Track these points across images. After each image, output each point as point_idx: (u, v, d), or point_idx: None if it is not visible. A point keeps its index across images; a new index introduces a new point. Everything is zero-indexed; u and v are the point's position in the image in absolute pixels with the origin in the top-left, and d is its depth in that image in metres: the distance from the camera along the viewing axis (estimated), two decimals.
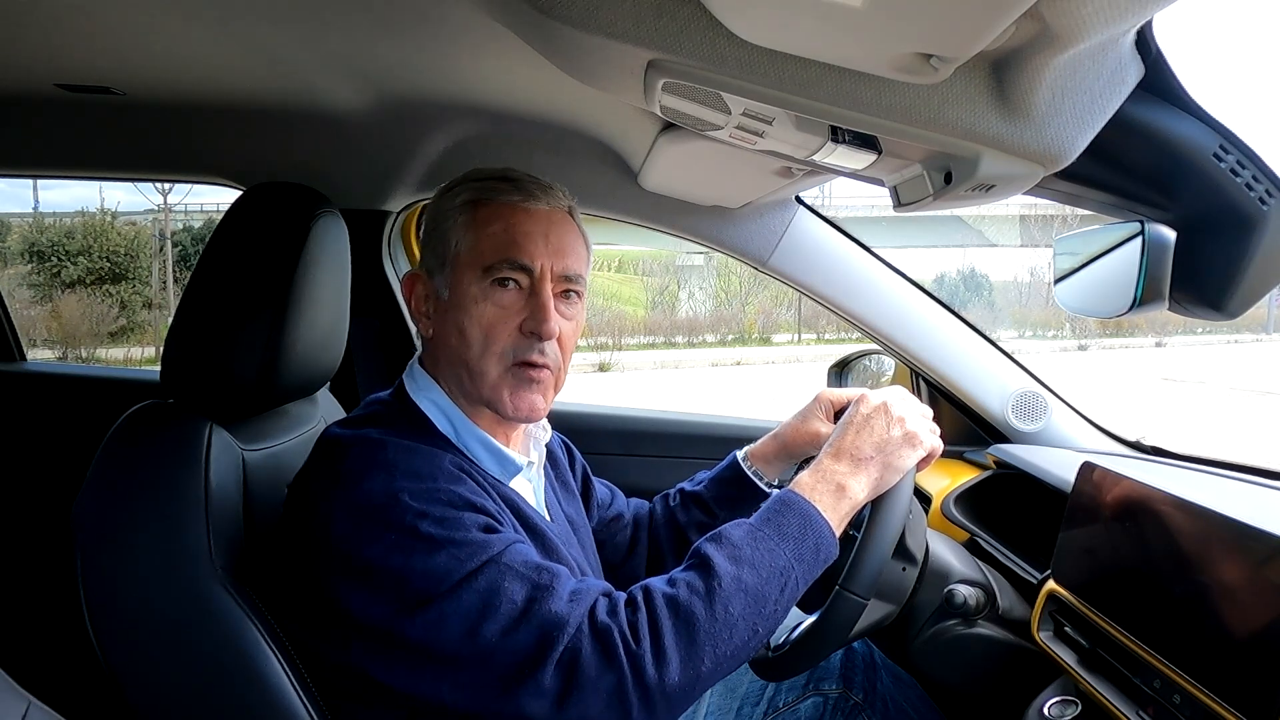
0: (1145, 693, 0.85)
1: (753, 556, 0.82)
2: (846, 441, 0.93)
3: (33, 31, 1.11)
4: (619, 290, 16.85)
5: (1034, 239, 16.76)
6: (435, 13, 0.99)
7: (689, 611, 0.77)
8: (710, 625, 0.77)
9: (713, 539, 0.84)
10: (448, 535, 0.79)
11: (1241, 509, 0.80)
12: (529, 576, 0.78)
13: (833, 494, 0.89)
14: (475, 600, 0.77)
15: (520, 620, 0.76)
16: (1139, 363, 12.69)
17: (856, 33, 0.55)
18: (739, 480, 1.18)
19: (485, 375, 0.91)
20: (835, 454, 0.92)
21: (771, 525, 0.85)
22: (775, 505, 0.88)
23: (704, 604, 0.78)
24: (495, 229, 0.91)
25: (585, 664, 0.75)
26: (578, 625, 0.76)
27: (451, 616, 0.76)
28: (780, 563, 0.82)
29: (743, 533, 0.84)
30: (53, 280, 12.22)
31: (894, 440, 0.92)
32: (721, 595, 0.78)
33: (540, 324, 0.89)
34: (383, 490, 0.81)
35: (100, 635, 0.84)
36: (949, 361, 1.51)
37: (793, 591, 0.83)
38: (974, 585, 1.06)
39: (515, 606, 0.77)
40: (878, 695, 1.13)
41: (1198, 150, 0.72)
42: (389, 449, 0.85)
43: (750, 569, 0.81)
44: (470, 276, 0.90)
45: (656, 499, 1.26)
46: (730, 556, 0.81)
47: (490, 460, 0.93)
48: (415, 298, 0.96)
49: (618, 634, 0.76)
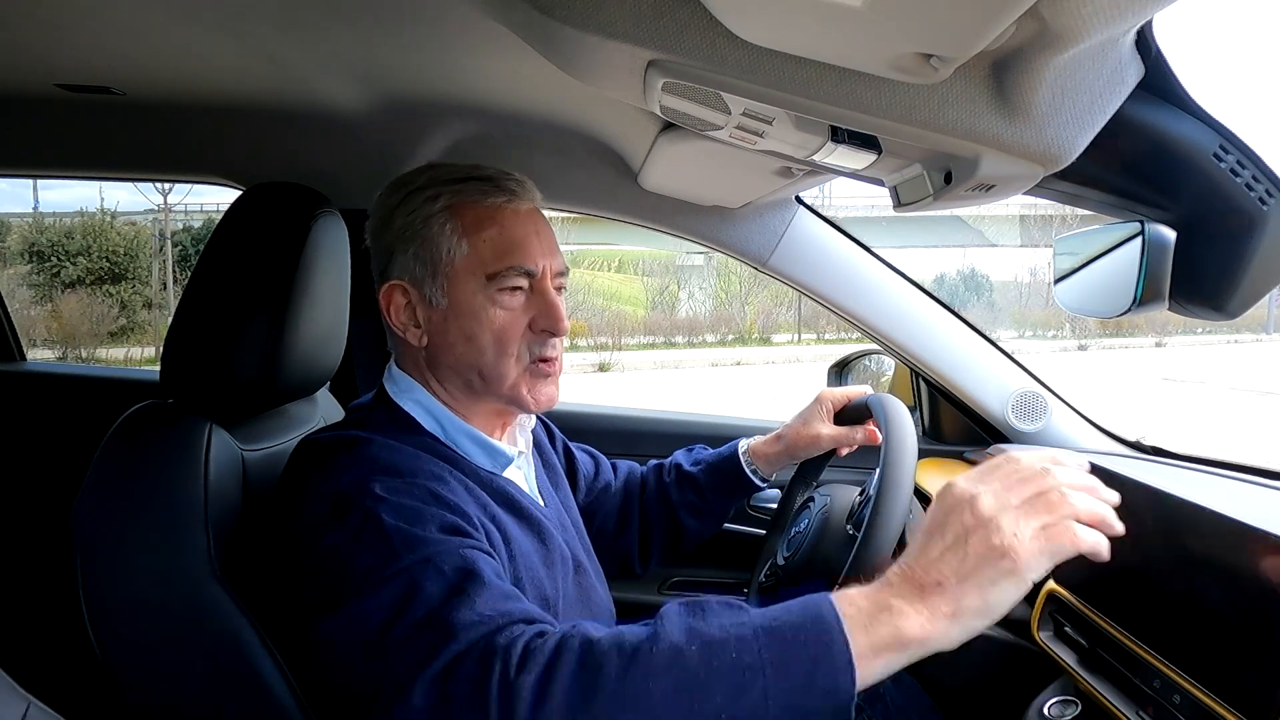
0: (1145, 693, 0.85)
1: (715, 638, 0.65)
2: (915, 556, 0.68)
3: (33, 31, 1.11)
4: (619, 290, 16.85)
5: (1034, 239, 16.77)
6: (435, 13, 0.99)
7: (597, 665, 0.64)
8: (617, 689, 0.63)
9: (687, 604, 0.70)
10: (398, 526, 0.75)
11: (1241, 509, 0.80)
12: (455, 581, 0.71)
13: (874, 622, 0.65)
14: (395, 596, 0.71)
15: (424, 623, 0.69)
16: (1139, 363, 12.69)
17: (856, 33, 0.55)
18: (735, 474, 1.19)
19: (504, 377, 0.92)
20: (902, 571, 0.68)
21: (769, 618, 0.67)
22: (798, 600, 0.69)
23: (620, 665, 0.64)
24: (490, 234, 0.91)
25: (457, 685, 0.65)
26: (470, 642, 0.67)
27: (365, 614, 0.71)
28: (746, 659, 0.63)
29: (726, 613, 0.68)
30: (52, 280, 12.22)
31: (972, 558, 0.65)
32: (645, 664, 0.64)
33: (555, 323, 0.92)
34: (355, 481, 0.80)
35: (100, 635, 0.84)
36: (949, 361, 1.51)
37: (755, 702, 0.62)
38: None
39: (427, 605, 0.70)
40: (878, 695, 1.13)
41: (1198, 150, 0.72)
42: (373, 446, 0.85)
43: (702, 651, 0.64)
44: (472, 284, 0.91)
45: (651, 466, 1.27)
46: (688, 628, 0.66)
47: (481, 454, 0.93)
48: (395, 307, 0.94)
49: (501, 658, 0.65)
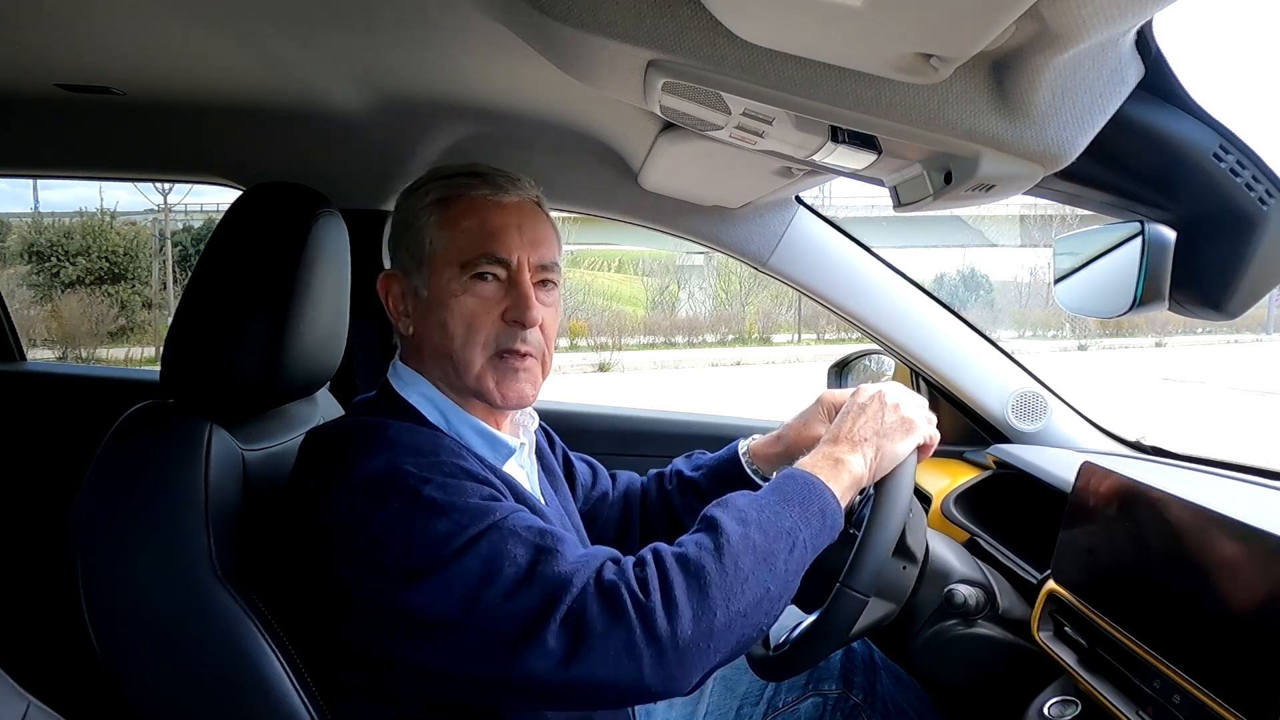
0: (1145, 693, 0.85)
1: (759, 518, 0.83)
2: (844, 428, 0.95)
3: (33, 31, 1.11)
4: (619, 290, 16.84)
5: (1034, 239, 16.76)
6: (435, 13, 0.99)
7: (699, 565, 0.77)
8: (721, 579, 0.77)
9: (718, 504, 0.85)
10: (450, 500, 0.79)
11: (1241, 509, 0.80)
12: (532, 540, 0.78)
13: (832, 467, 0.90)
14: (478, 565, 0.76)
15: (523, 583, 0.75)
16: (1139, 363, 12.69)
17: (856, 33, 0.55)
18: (737, 475, 1.19)
19: (470, 365, 0.92)
20: (833, 439, 0.94)
21: (775, 493, 0.86)
22: (778, 479, 0.89)
23: (714, 559, 0.78)
24: (469, 224, 0.92)
25: (591, 621, 0.74)
26: (583, 584, 0.75)
27: (454, 582, 0.76)
28: (786, 524, 0.83)
29: (748, 499, 0.86)
30: (52, 280, 12.21)
31: (889, 424, 0.94)
32: (730, 550, 0.78)
33: (523, 312, 0.91)
34: (385, 464, 0.81)
35: (100, 635, 0.84)
36: (949, 361, 1.51)
37: (801, 554, 0.83)
38: (974, 585, 1.06)
39: (519, 569, 0.76)
40: (877, 695, 1.13)
41: (1198, 150, 0.72)
42: (390, 429, 0.86)
43: (757, 528, 0.81)
44: (449, 273, 0.92)
45: (651, 475, 1.27)
46: (737, 518, 0.82)
47: (483, 445, 0.94)
48: (392, 298, 0.97)
49: (625, 590, 0.75)
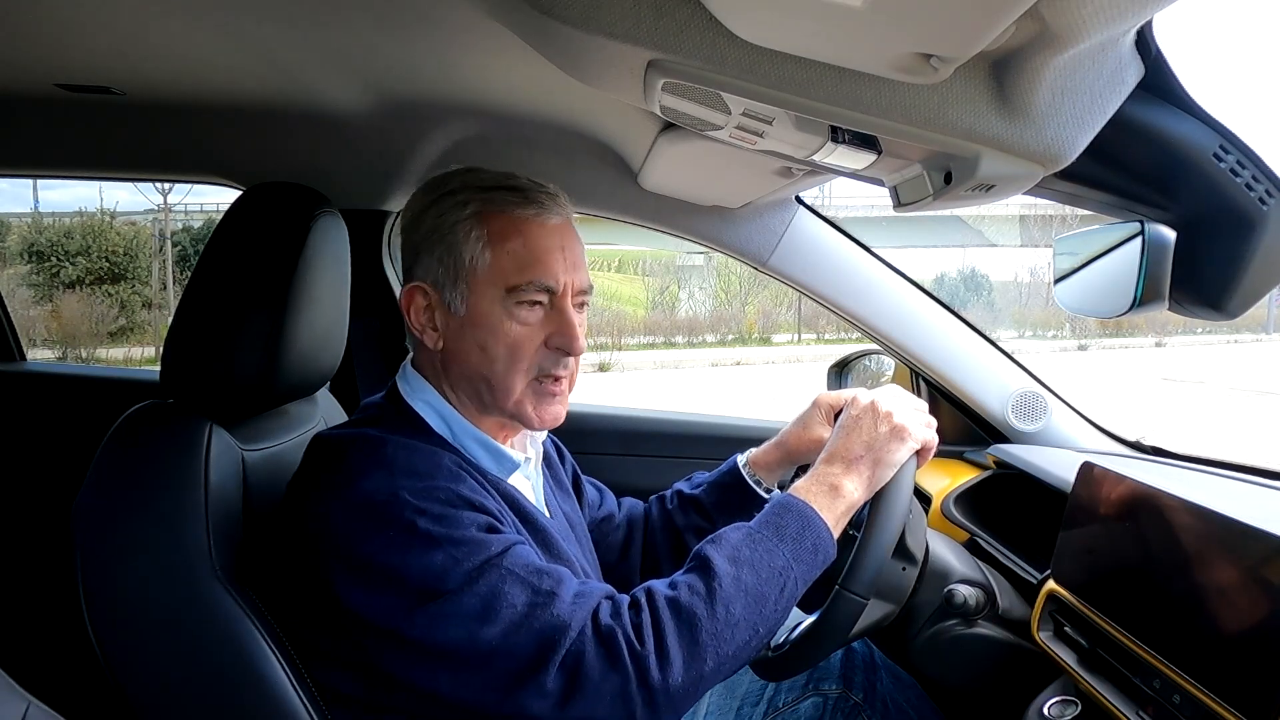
0: (1145, 693, 0.85)
1: (752, 557, 0.83)
2: (838, 445, 0.95)
3: (33, 31, 1.11)
4: (619, 290, 16.84)
5: (1034, 239, 16.74)
6: (435, 13, 0.99)
7: (691, 612, 0.79)
8: (712, 626, 0.78)
9: (712, 541, 0.86)
10: (445, 533, 0.79)
11: (1241, 509, 0.80)
12: (530, 581, 0.79)
13: (828, 495, 0.91)
14: (475, 603, 0.77)
15: (521, 625, 0.77)
16: (1139, 363, 12.68)
17: (856, 33, 0.55)
18: (738, 487, 1.17)
19: (510, 391, 0.92)
20: (829, 458, 0.95)
21: (770, 527, 0.87)
22: (773, 509, 0.90)
23: (705, 605, 0.79)
24: (514, 245, 0.90)
25: (589, 666, 0.76)
26: (580, 628, 0.77)
27: (451, 618, 0.77)
28: (779, 563, 0.84)
29: (741, 535, 0.86)
30: (52, 280, 12.21)
31: (882, 436, 0.94)
32: (722, 596, 0.80)
33: (571, 342, 0.92)
34: (382, 488, 0.81)
35: (100, 635, 0.84)
36: (949, 361, 1.51)
37: (792, 591, 0.85)
38: (974, 585, 1.06)
39: (516, 611, 0.77)
40: (877, 695, 1.13)
41: (1198, 150, 0.72)
42: (389, 446, 0.85)
43: (750, 569, 0.82)
44: (491, 294, 0.90)
45: (652, 500, 1.26)
46: (730, 558, 0.83)
47: (488, 459, 0.93)
48: (415, 309, 0.94)
49: (622, 636, 0.77)
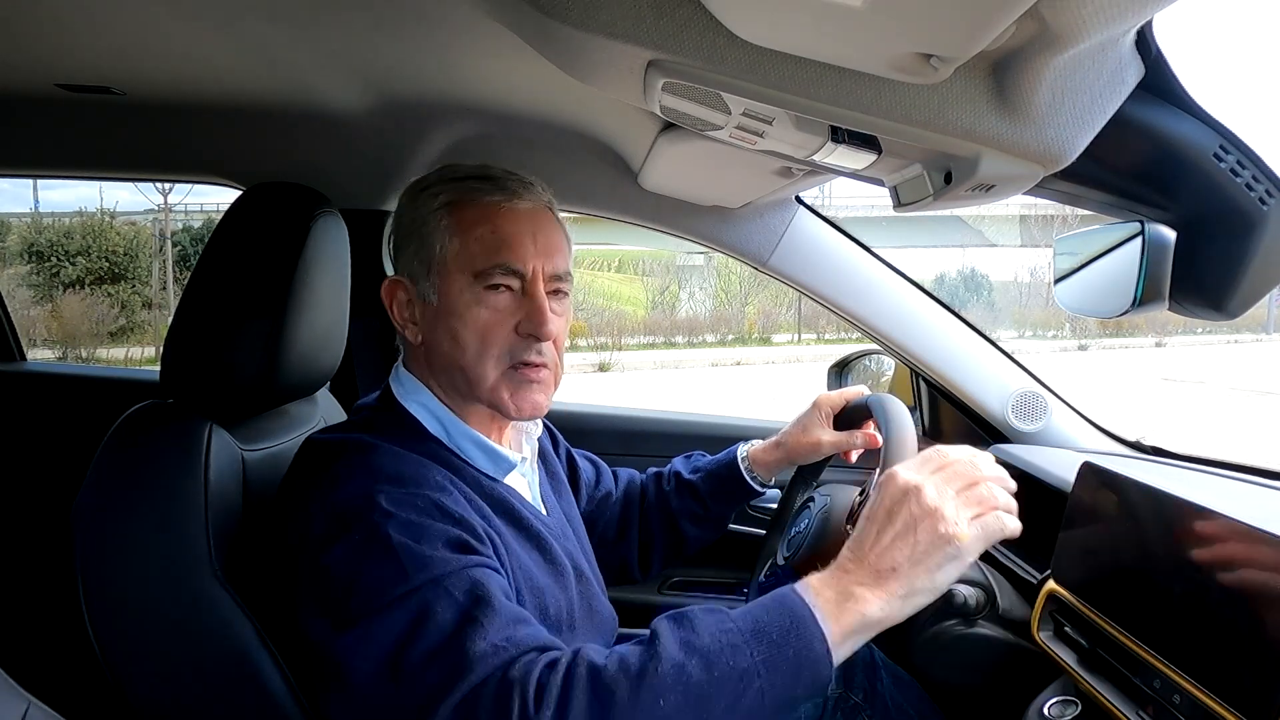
0: (1145, 693, 0.85)
1: (710, 647, 0.71)
2: (868, 542, 0.76)
3: (33, 31, 1.11)
4: (619, 290, 16.84)
5: (1034, 239, 16.76)
6: (435, 13, 0.99)
7: (609, 691, 0.68)
8: (630, 711, 0.68)
9: (674, 618, 0.75)
10: (405, 543, 0.75)
11: (1241, 509, 0.80)
12: (466, 607, 0.73)
13: (841, 608, 0.73)
14: (405, 622, 0.72)
15: (439, 652, 0.71)
16: (1139, 363, 12.68)
17: (856, 33, 0.55)
18: (735, 479, 1.18)
19: (484, 379, 0.90)
20: (857, 557, 0.76)
21: (750, 620, 0.73)
22: (769, 600, 0.76)
23: (630, 687, 0.68)
24: (482, 231, 0.90)
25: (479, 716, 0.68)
26: (486, 674, 0.70)
27: (379, 636, 0.72)
28: (741, 665, 0.70)
29: (712, 620, 0.74)
30: (52, 280, 12.21)
31: (922, 547, 0.74)
32: (653, 683, 0.69)
33: (538, 326, 0.90)
34: (359, 492, 0.80)
35: (100, 635, 0.84)
36: (949, 361, 1.51)
37: (753, 703, 0.69)
38: (974, 585, 1.06)
39: (442, 635, 0.72)
40: (878, 695, 1.13)
41: (1198, 150, 0.72)
42: (378, 453, 0.85)
43: (701, 663, 0.70)
44: (460, 281, 0.90)
45: (650, 475, 1.26)
46: (683, 642, 0.71)
47: (483, 458, 0.93)
48: (397, 304, 0.95)
49: (518, 693, 0.68)
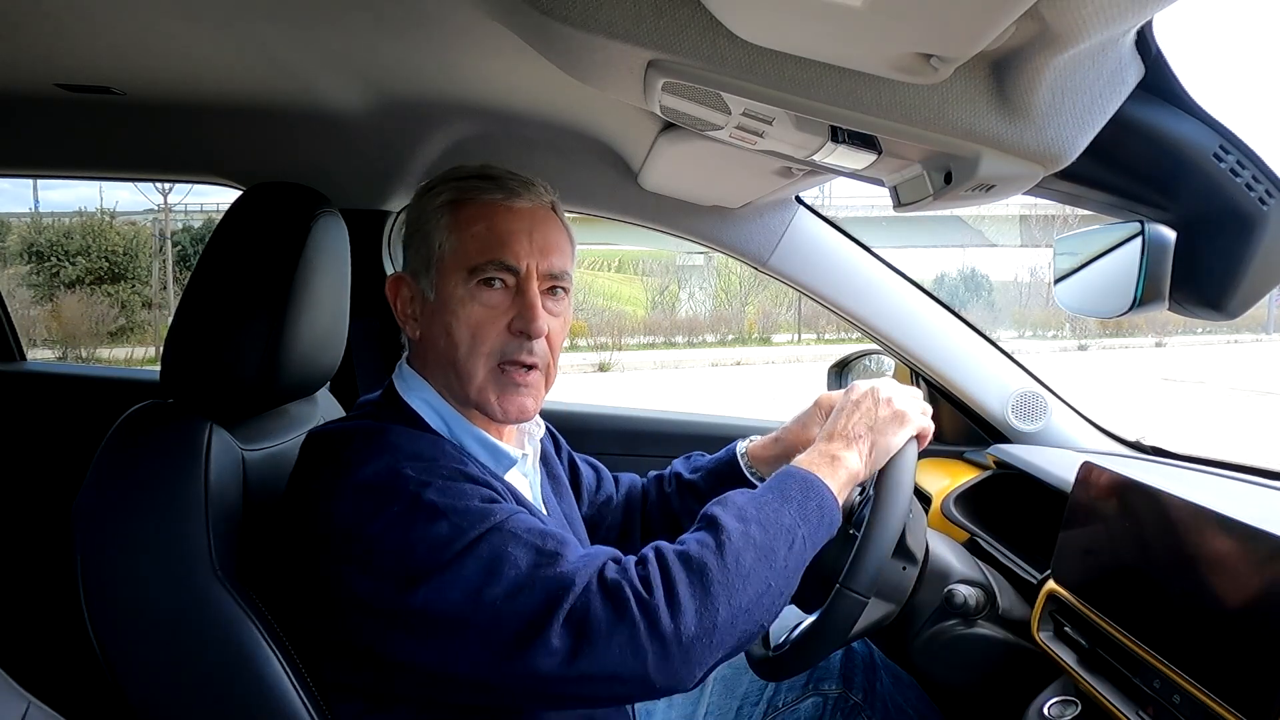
0: (1145, 693, 0.85)
1: (759, 515, 0.84)
2: (839, 425, 0.96)
3: (33, 31, 1.11)
4: (619, 290, 16.84)
5: (1034, 239, 16.75)
6: (435, 13, 0.99)
7: (701, 562, 0.78)
8: (723, 575, 0.78)
9: (718, 502, 0.86)
10: (449, 503, 0.79)
11: (1241, 509, 0.80)
12: (532, 542, 0.78)
13: (829, 465, 0.92)
14: (479, 567, 0.76)
15: (525, 584, 0.76)
16: (1139, 363, 12.68)
17: (856, 33, 0.55)
18: (735, 477, 1.18)
19: (472, 376, 0.91)
20: (829, 436, 0.96)
21: (774, 491, 0.88)
22: (775, 478, 0.91)
23: (715, 556, 0.79)
24: (478, 229, 0.90)
25: (595, 618, 0.75)
26: (585, 583, 0.76)
27: (455, 583, 0.76)
28: (786, 521, 0.84)
29: (746, 497, 0.87)
30: (52, 280, 12.21)
31: (882, 419, 0.96)
32: (731, 547, 0.80)
33: (529, 323, 0.90)
34: (385, 469, 0.81)
35: (100, 635, 0.84)
36: (949, 361, 1.51)
37: (800, 550, 0.85)
38: (974, 585, 1.06)
39: (519, 571, 0.76)
40: (877, 695, 1.13)
41: (1198, 150, 0.72)
42: (390, 433, 0.86)
43: (757, 525, 0.83)
44: (456, 278, 0.90)
45: (650, 479, 1.27)
46: (737, 515, 0.83)
47: (485, 455, 0.93)
48: (400, 300, 0.96)
49: (628, 588, 0.76)
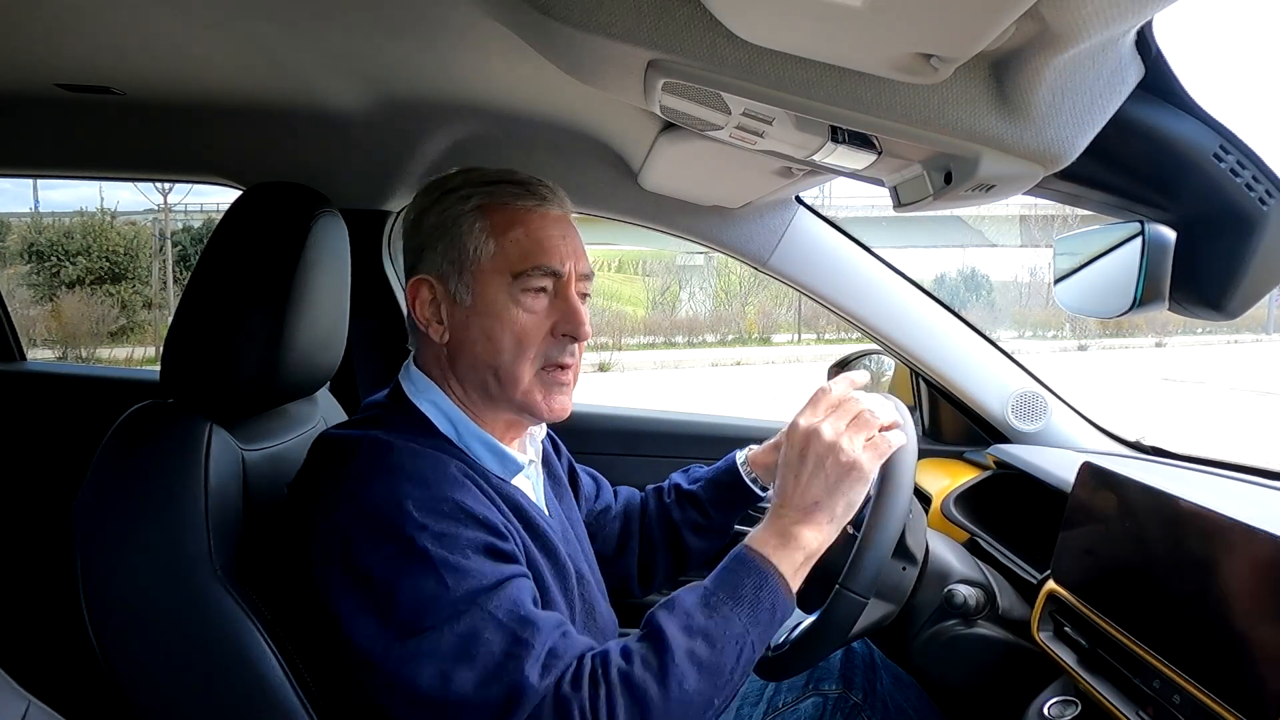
0: (1145, 693, 0.85)
1: (706, 626, 0.81)
2: (788, 490, 0.88)
3: (33, 31, 1.12)
4: (619, 290, 16.84)
5: (1034, 239, 16.75)
6: (435, 13, 0.99)
7: (643, 691, 0.77)
8: (664, 704, 0.77)
9: (665, 606, 0.83)
10: (443, 556, 0.78)
11: (1241, 509, 0.80)
12: (512, 629, 0.78)
13: (784, 548, 0.86)
14: (455, 644, 0.76)
15: (494, 674, 0.76)
16: (1139, 363, 12.68)
17: (856, 33, 0.55)
18: (736, 485, 1.18)
19: (519, 380, 0.92)
20: (781, 504, 0.88)
21: (726, 589, 0.84)
22: (730, 565, 0.86)
23: (658, 682, 0.77)
24: (517, 234, 0.92)
25: None
26: (544, 694, 0.76)
27: (428, 656, 0.76)
28: (735, 629, 0.81)
29: (696, 599, 0.83)
30: (52, 280, 12.20)
31: (833, 477, 0.87)
32: (675, 672, 0.78)
33: (577, 327, 0.92)
34: (388, 496, 0.81)
35: (100, 635, 0.84)
36: (949, 361, 1.51)
37: (749, 657, 0.82)
38: (974, 585, 1.06)
39: (492, 658, 0.76)
40: (877, 695, 1.13)
41: (1198, 150, 0.72)
42: (395, 452, 0.85)
43: (704, 641, 0.80)
44: (498, 282, 0.91)
45: (649, 491, 1.26)
46: (684, 628, 0.80)
47: (492, 460, 0.93)
48: (421, 302, 0.95)
49: (577, 709, 0.75)
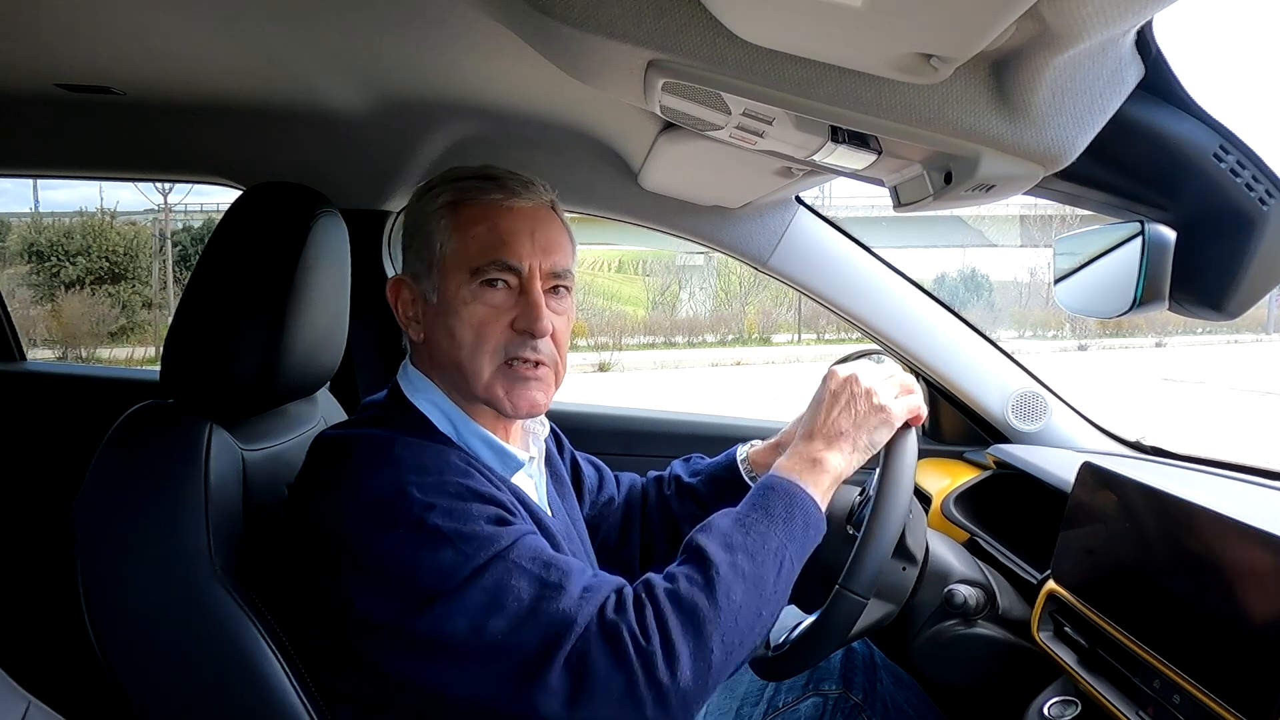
0: (1145, 693, 0.85)
1: (745, 542, 0.83)
2: (818, 421, 0.94)
3: (33, 31, 1.12)
4: (619, 290, 16.84)
5: (1034, 239, 16.74)
6: (435, 13, 0.99)
7: (692, 604, 0.78)
8: (715, 615, 0.77)
9: (703, 529, 0.85)
10: (455, 528, 0.79)
11: (1241, 509, 0.80)
12: (537, 574, 0.78)
13: (811, 470, 0.90)
14: (482, 597, 0.76)
15: (527, 618, 0.76)
16: (1139, 363, 12.68)
17: (856, 33, 0.55)
18: (735, 483, 1.18)
19: (479, 374, 0.91)
20: (808, 435, 0.94)
21: (758, 510, 0.86)
22: (759, 491, 0.89)
23: (706, 596, 0.78)
24: (480, 230, 0.90)
25: (594, 664, 0.75)
26: (586, 624, 0.76)
27: (458, 613, 0.76)
28: (773, 544, 0.84)
29: (730, 521, 0.86)
30: (52, 280, 12.20)
31: (862, 415, 0.93)
32: (721, 584, 0.79)
33: (533, 323, 0.90)
34: (390, 484, 0.81)
35: (100, 635, 0.84)
36: (949, 361, 1.51)
37: (789, 571, 0.84)
38: (974, 585, 1.06)
39: (522, 604, 0.76)
40: (877, 695, 1.13)
41: (1198, 150, 0.72)
42: (396, 445, 0.85)
43: (745, 554, 0.82)
44: (458, 279, 0.90)
45: (650, 480, 1.26)
46: (723, 544, 0.82)
47: (492, 457, 0.93)
48: (401, 302, 0.96)
49: (626, 634, 0.75)
